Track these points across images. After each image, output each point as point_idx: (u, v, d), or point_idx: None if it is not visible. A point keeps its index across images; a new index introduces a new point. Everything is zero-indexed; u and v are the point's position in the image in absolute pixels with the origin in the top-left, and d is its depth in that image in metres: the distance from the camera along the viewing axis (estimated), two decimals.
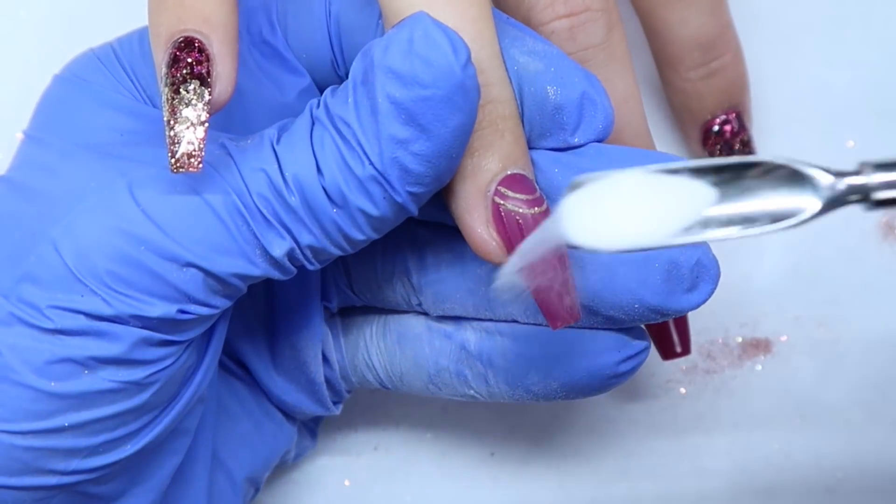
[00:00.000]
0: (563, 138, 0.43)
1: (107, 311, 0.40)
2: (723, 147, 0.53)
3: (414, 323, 0.48)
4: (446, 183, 0.41)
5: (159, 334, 0.41)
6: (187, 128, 0.40)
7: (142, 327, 0.41)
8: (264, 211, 0.41)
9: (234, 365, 0.49)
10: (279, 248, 0.41)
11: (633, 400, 0.54)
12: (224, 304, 0.42)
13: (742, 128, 0.53)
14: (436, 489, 0.54)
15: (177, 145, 0.40)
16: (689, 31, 0.51)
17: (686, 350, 0.51)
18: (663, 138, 0.54)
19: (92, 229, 0.41)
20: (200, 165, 0.39)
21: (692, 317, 0.52)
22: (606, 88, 0.46)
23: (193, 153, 0.40)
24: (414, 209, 0.41)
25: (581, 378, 0.45)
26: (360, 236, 0.41)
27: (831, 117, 0.55)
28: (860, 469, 0.53)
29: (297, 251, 0.41)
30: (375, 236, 0.42)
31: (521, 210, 0.41)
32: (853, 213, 0.54)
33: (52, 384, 0.41)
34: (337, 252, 0.42)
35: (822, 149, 0.55)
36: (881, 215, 0.55)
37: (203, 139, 0.40)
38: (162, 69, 0.40)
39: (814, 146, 0.55)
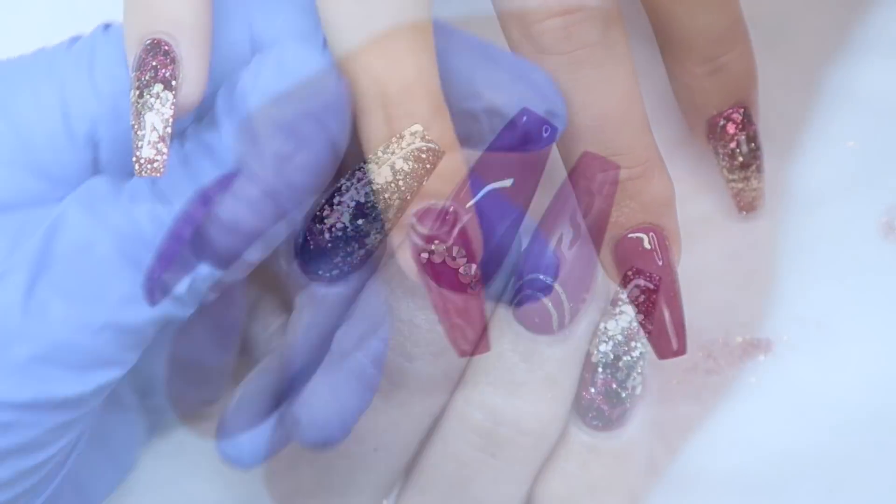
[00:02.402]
0: None
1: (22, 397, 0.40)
2: (728, 143, 0.52)
3: None
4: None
5: (75, 411, 0.42)
6: (151, 132, 0.40)
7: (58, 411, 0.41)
8: (165, 253, 0.41)
9: None
10: (182, 285, 0.42)
11: None
12: (136, 356, 0.42)
13: (749, 123, 0.51)
14: None
15: (139, 150, 0.40)
16: (697, 25, 0.49)
17: (682, 349, 0.50)
18: (665, 136, 0.54)
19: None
20: (163, 169, 0.40)
21: (691, 316, 0.51)
22: (606, 87, 0.46)
23: (155, 158, 0.40)
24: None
25: None
26: (256, 259, 0.42)
27: (831, 117, 0.55)
28: (860, 469, 0.53)
29: (197, 282, 0.42)
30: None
31: (421, 247, 0.42)
32: (853, 212, 0.55)
33: None
34: (234, 274, 0.43)
35: (822, 149, 0.55)
36: (881, 214, 0.55)
37: (165, 142, 0.40)
38: (131, 73, 0.41)
39: (814, 146, 0.55)
